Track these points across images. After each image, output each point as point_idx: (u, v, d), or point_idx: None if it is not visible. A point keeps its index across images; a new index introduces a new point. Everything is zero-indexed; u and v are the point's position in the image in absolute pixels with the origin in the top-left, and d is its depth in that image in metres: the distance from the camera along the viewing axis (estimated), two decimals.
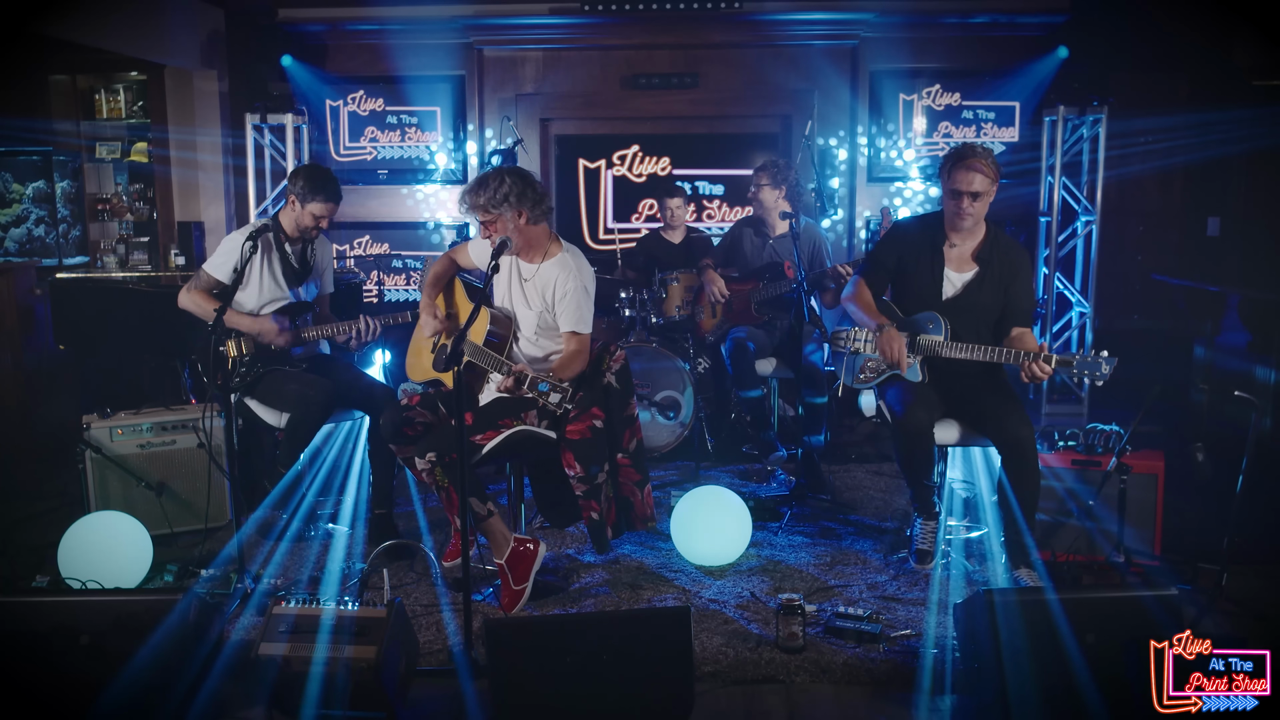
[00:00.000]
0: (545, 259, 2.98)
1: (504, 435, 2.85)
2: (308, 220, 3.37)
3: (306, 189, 3.34)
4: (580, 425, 2.90)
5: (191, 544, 3.40)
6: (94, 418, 3.51)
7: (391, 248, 5.89)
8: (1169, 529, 3.19)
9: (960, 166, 3.01)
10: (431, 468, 2.78)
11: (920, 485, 3.14)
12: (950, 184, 3.04)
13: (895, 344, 3.08)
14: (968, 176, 3.00)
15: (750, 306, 4.28)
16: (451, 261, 3.25)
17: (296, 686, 2.24)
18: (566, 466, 2.90)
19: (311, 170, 3.42)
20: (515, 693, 2.23)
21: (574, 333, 2.91)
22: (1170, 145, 5.44)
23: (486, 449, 2.84)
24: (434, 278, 3.24)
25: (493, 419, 2.86)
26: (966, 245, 3.14)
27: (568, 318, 2.91)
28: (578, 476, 2.90)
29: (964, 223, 3.07)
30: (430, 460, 2.77)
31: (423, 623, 2.81)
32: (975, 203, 3.02)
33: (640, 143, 5.83)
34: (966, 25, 5.54)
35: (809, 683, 2.52)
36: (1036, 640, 2.21)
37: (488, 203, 2.86)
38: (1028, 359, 2.87)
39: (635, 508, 3.00)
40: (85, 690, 2.21)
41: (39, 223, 5.25)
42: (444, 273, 3.25)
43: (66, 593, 2.78)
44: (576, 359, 2.88)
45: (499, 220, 2.86)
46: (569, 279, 2.91)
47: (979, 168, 2.99)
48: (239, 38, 5.63)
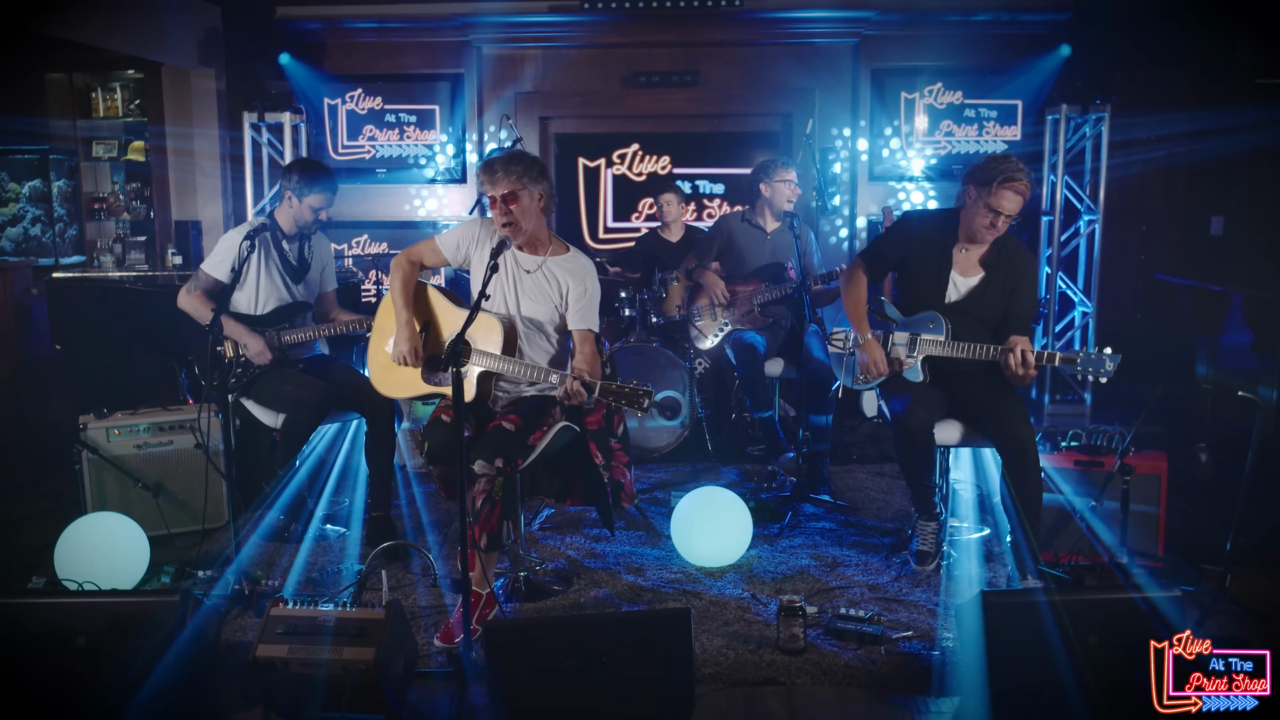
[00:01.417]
0: (550, 254, 2.93)
1: (551, 432, 2.85)
2: (307, 214, 3.36)
3: (302, 182, 3.32)
4: (596, 415, 2.94)
5: (189, 545, 3.39)
6: (90, 418, 3.49)
7: (390, 247, 5.87)
8: (1172, 530, 3.18)
9: (1006, 187, 2.92)
10: (494, 475, 2.66)
11: (920, 485, 3.12)
12: (990, 200, 2.94)
13: (874, 354, 3.11)
14: (1013, 200, 2.94)
15: (754, 309, 4.23)
16: (413, 265, 2.99)
17: (294, 688, 2.24)
18: (594, 455, 2.92)
19: (304, 164, 3.41)
20: (514, 695, 2.22)
21: (590, 330, 2.91)
22: (1173, 144, 5.42)
23: (539, 448, 2.83)
24: (404, 291, 2.96)
25: (538, 418, 2.86)
26: (976, 251, 3.11)
27: (588, 317, 2.90)
28: (601, 465, 2.92)
29: (989, 238, 3.04)
30: (497, 467, 2.66)
31: (421, 624, 2.80)
32: (1005, 222, 2.98)
33: (640, 141, 5.81)
34: (969, 23, 5.53)
35: (810, 685, 2.51)
36: (1039, 642, 2.21)
37: (524, 172, 2.75)
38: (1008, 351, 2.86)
39: (625, 487, 3.03)
40: (81, 692, 2.20)
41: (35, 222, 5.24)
42: (409, 280, 2.98)
43: (63, 594, 2.77)
44: (597, 359, 2.89)
45: (523, 195, 2.78)
46: (587, 278, 2.90)
47: (1023, 191, 2.93)
48: (236, 36, 5.61)
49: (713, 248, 4.33)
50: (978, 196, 2.98)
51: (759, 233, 4.24)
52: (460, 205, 5.84)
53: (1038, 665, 2.19)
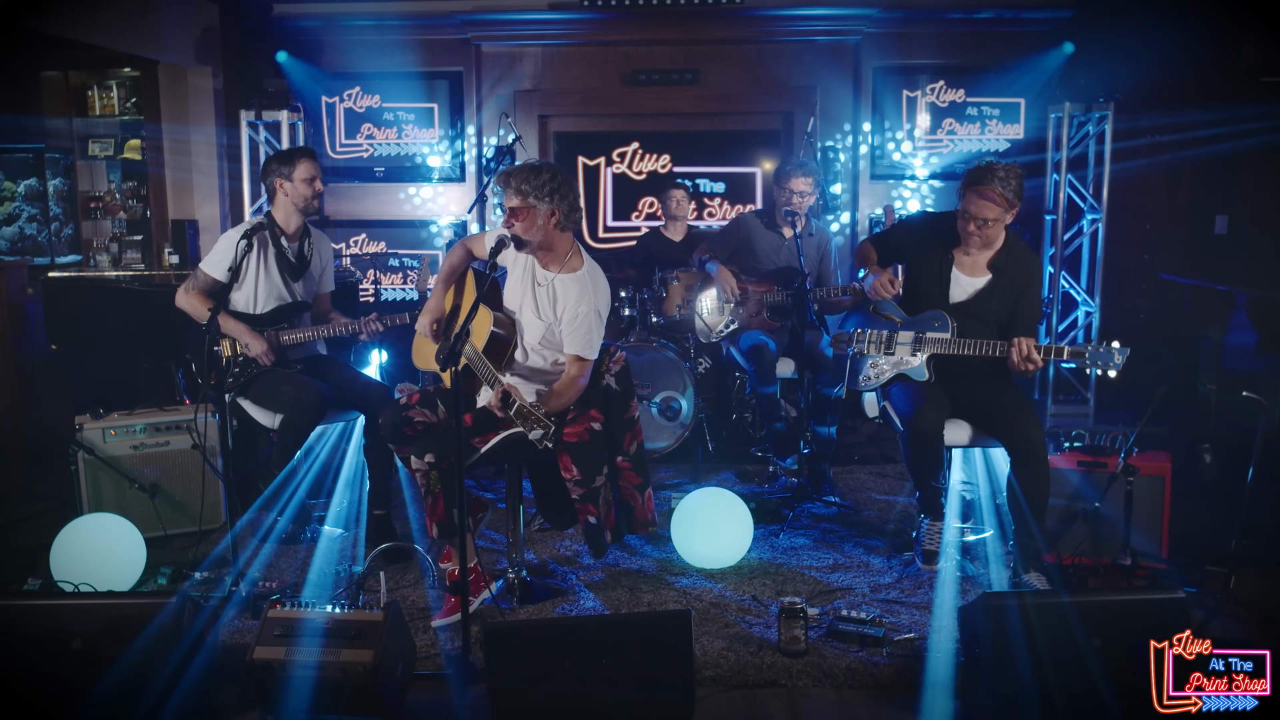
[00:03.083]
0: (563, 270, 2.86)
1: (501, 436, 2.80)
2: (304, 189, 3.33)
3: (282, 163, 3.32)
4: (578, 428, 2.84)
5: (185, 546, 3.37)
6: (86, 418, 3.47)
7: (388, 246, 5.85)
8: (1176, 531, 3.16)
9: (973, 191, 2.93)
10: (427, 470, 2.73)
11: (928, 487, 3.10)
12: (962, 204, 2.96)
13: (884, 275, 3.15)
14: (978, 204, 2.92)
15: (763, 312, 4.18)
16: (468, 252, 3.09)
17: (292, 691, 2.21)
18: (563, 469, 2.84)
19: (275, 153, 3.41)
20: (514, 697, 2.21)
21: (578, 357, 2.80)
22: (1177, 142, 5.39)
23: (483, 450, 2.79)
24: (448, 270, 3.09)
25: (492, 420, 2.81)
26: (982, 253, 3.09)
27: (575, 341, 2.79)
28: (574, 480, 2.83)
29: (971, 244, 3.02)
30: (428, 462, 2.72)
31: (420, 626, 2.78)
32: (985, 228, 2.96)
33: (640, 140, 5.79)
34: (971, 21, 5.50)
35: (811, 687, 2.50)
36: (1041, 644, 2.19)
37: (532, 189, 2.72)
38: (1014, 345, 2.85)
39: (635, 511, 2.95)
40: (77, 695, 2.19)
41: (31, 221, 5.21)
42: (460, 264, 3.10)
43: (59, 596, 2.76)
44: (573, 386, 2.78)
45: (531, 211, 2.74)
46: (583, 301, 2.79)
47: (991, 196, 2.90)
48: (234, 34, 5.59)
49: (729, 243, 4.26)
50: (960, 200, 3.00)
51: (777, 236, 4.17)
52: (459, 204, 5.82)
53: (1040, 667, 2.18)
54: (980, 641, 2.30)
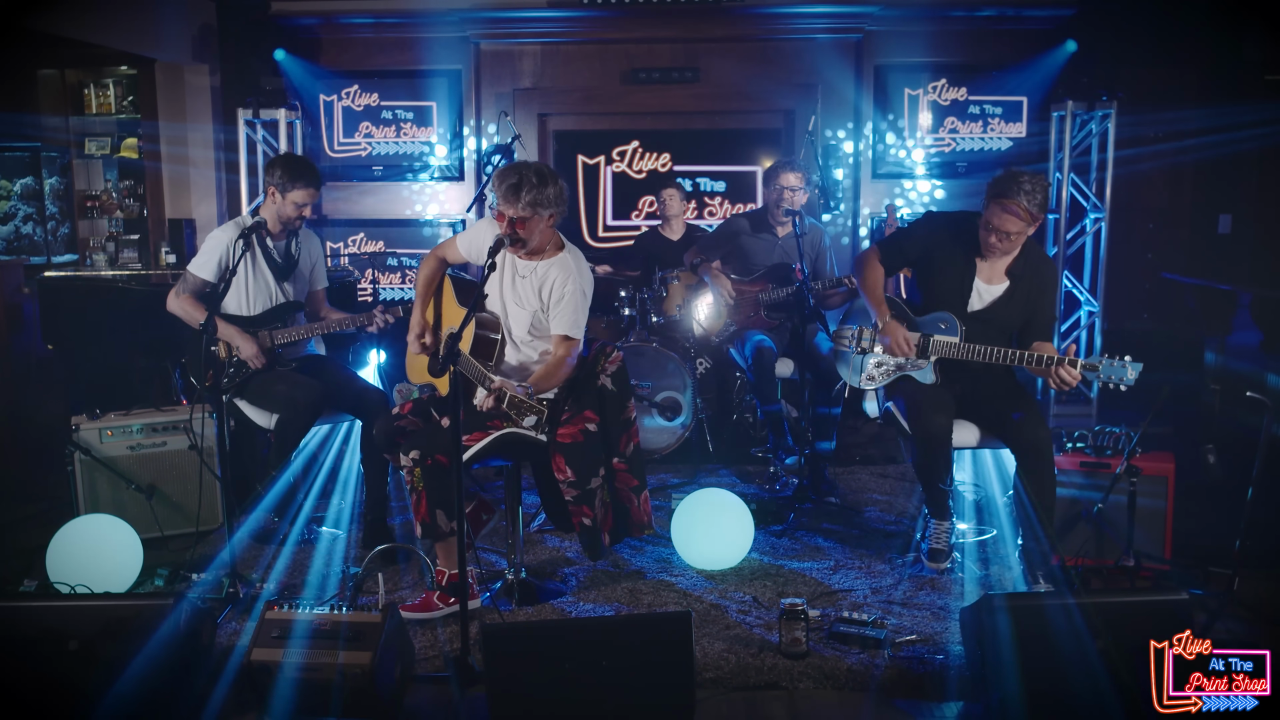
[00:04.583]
0: (545, 258, 2.87)
1: (491, 437, 2.78)
2: (290, 210, 3.32)
3: (286, 178, 3.28)
4: (572, 429, 2.83)
5: (183, 548, 3.35)
6: (83, 419, 3.45)
7: (387, 245, 5.82)
8: (1179, 532, 3.15)
9: (996, 204, 2.87)
10: (412, 467, 2.72)
11: (936, 489, 3.08)
12: (985, 213, 2.92)
13: (897, 335, 3.05)
14: (1002, 218, 2.88)
15: (760, 311, 4.18)
16: (440, 260, 3.07)
17: (290, 693, 2.21)
18: (556, 471, 2.83)
19: (288, 159, 3.37)
20: (512, 699, 2.20)
21: (566, 336, 2.81)
22: (1180, 141, 5.37)
23: (473, 450, 2.76)
24: (425, 283, 3.06)
25: (481, 420, 2.80)
26: (1001, 261, 3.06)
27: (562, 320, 2.81)
28: (567, 481, 2.82)
29: (992, 254, 2.99)
30: (413, 459, 2.71)
31: (418, 628, 2.76)
32: (1007, 240, 2.92)
33: (640, 138, 5.77)
34: (973, 19, 5.49)
35: (812, 689, 2.49)
36: (1043, 646, 2.19)
37: (537, 201, 2.70)
38: (1053, 364, 2.81)
39: (632, 514, 2.94)
40: (74, 697, 2.18)
41: (27, 220, 5.20)
42: (434, 275, 3.07)
43: (55, 597, 2.74)
44: (561, 367, 2.78)
45: (533, 220, 2.74)
46: (568, 280, 2.81)
47: (1016, 211, 2.85)
48: (231, 31, 5.56)
49: (720, 246, 4.27)
50: (984, 208, 2.96)
51: (769, 235, 4.17)
52: (458, 203, 5.80)
53: (1043, 669, 2.17)
54: (982, 643, 2.29)
